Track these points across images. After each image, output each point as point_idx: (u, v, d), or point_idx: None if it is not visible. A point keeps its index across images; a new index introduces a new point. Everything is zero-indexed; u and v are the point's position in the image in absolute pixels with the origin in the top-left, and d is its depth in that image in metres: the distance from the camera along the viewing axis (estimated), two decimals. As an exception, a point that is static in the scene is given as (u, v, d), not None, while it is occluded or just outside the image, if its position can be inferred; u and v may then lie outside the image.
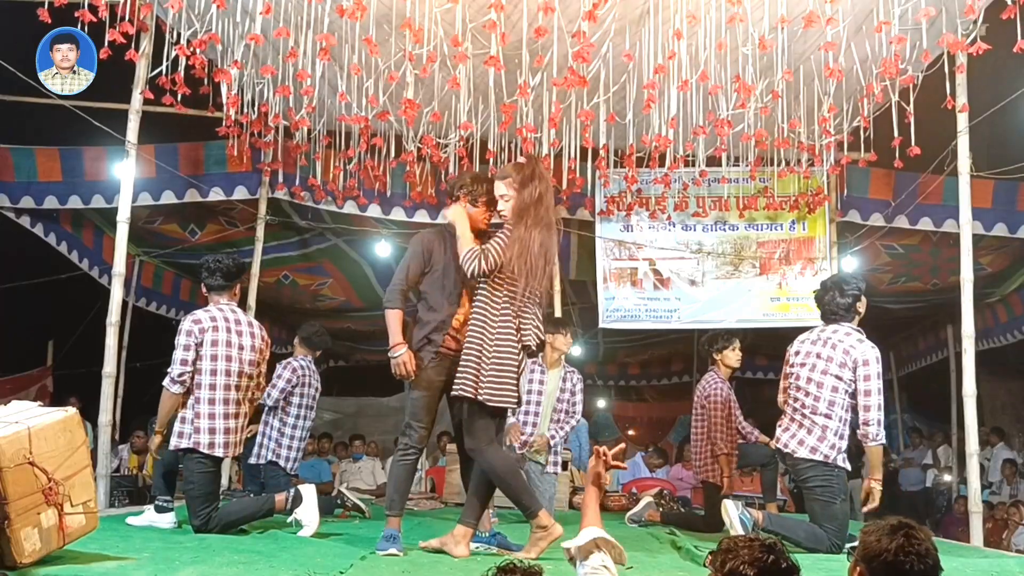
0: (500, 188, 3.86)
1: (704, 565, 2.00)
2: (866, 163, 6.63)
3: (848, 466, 4.30)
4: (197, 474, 4.18)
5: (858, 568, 1.93)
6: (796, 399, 4.31)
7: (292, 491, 4.38)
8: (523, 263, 3.72)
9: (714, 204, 7.38)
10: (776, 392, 4.66)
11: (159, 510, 4.44)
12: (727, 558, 1.88)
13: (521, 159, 4.17)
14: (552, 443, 5.69)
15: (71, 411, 3.20)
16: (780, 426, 4.38)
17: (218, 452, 4.20)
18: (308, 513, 4.29)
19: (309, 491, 4.38)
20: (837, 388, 4.17)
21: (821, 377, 4.20)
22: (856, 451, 8.65)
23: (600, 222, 7.49)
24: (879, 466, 4.15)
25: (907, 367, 11.97)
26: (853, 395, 4.18)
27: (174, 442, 4.22)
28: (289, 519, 4.37)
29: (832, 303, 4.28)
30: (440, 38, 4.90)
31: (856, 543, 2.04)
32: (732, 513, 4.16)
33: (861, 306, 4.33)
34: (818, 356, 4.23)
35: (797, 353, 4.36)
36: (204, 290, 4.48)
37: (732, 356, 5.83)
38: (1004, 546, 7.41)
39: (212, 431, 4.19)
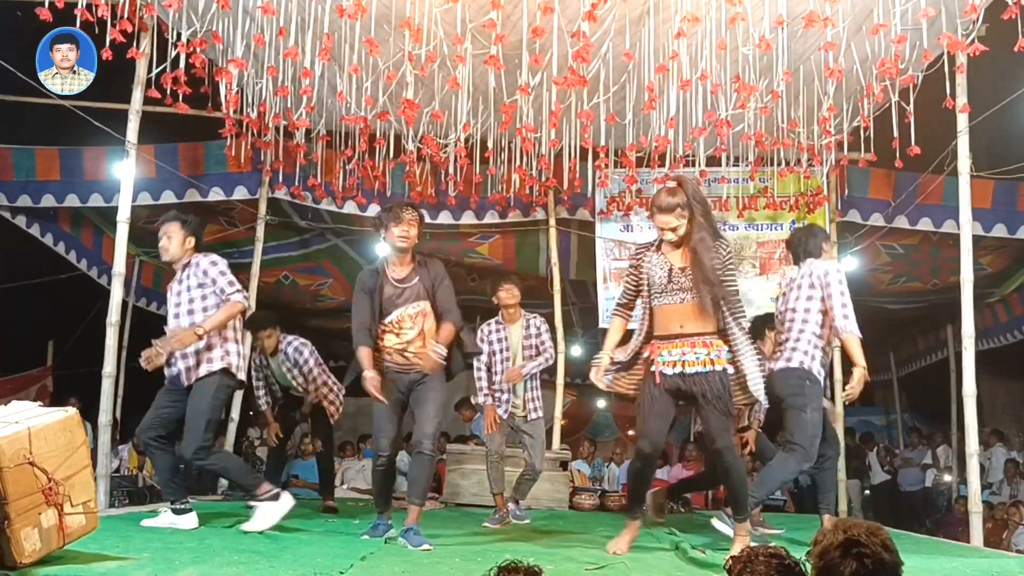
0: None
1: (724, 568, 2.01)
2: (866, 163, 6.63)
3: (821, 379, 4.49)
4: (223, 396, 4.41)
5: None
6: (779, 337, 4.63)
7: (278, 489, 4.44)
8: None
9: (714, 204, 7.35)
10: None
11: (179, 512, 4.40)
12: (743, 567, 1.88)
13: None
14: (524, 372, 5.49)
15: (71, 411, 3.20)
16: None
17: (241, 375, 4.53)
18: (266, 515, 4.30)
19: (287, 500, 4.40)
20: (809, 309, 4.46)
21: (795, 303, 4.54)
22: (850, 452, 8.64)
23: (600, 222, 7.49)
24: (859, 355, 4.32)
25: (907, 367, 11.97)
26: (825, 312, 4.41)
27: (205, 368, 4.32)
28: (248, 503, 4.48)
29: (806, 243, 4.65)
30: (440, 38, 4.90)
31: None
32: (723, 529, 4.23)
33: (827, 245, 4.78)
34: (796, 296, 4.55)
35: (783, 297, 4.72)
36: (194, 243, 4.50)
37: None
38: (1004, 546, 7.40)
39: (238, 354, 4.46)
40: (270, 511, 4.31)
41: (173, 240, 4.44)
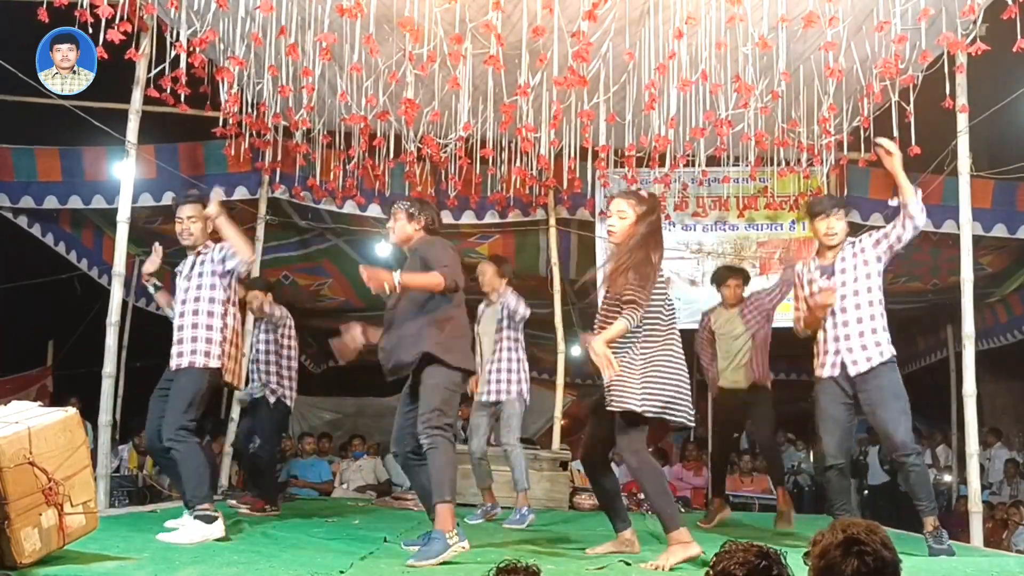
0: (620, 204, 3.98)
1: (708, 564, 2.02)
2: (866, 163, 6.62)
3: (825, 373, 4.36)
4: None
5: None
6: None
7: (218, 514, 4.01)
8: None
9: (714, 204, 7.37)
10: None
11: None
12: (722, 558, 1.91)
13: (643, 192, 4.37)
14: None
15: (71, 411, 3.20)
16: None
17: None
18: (190, 532, 3.87)
19: (218, 528, 3.94)
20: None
21: None
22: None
23: (600, 222, 7.48)
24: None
25: (907, 367, 11.91)
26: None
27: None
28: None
29: None
30: (440, 38, 4.90)
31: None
32: None
33: (820, 226, 4.40)
34: None
35: None
36: None
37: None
38: (1004, 546, 7.40)
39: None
40: (196, 530, 3.88)
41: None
